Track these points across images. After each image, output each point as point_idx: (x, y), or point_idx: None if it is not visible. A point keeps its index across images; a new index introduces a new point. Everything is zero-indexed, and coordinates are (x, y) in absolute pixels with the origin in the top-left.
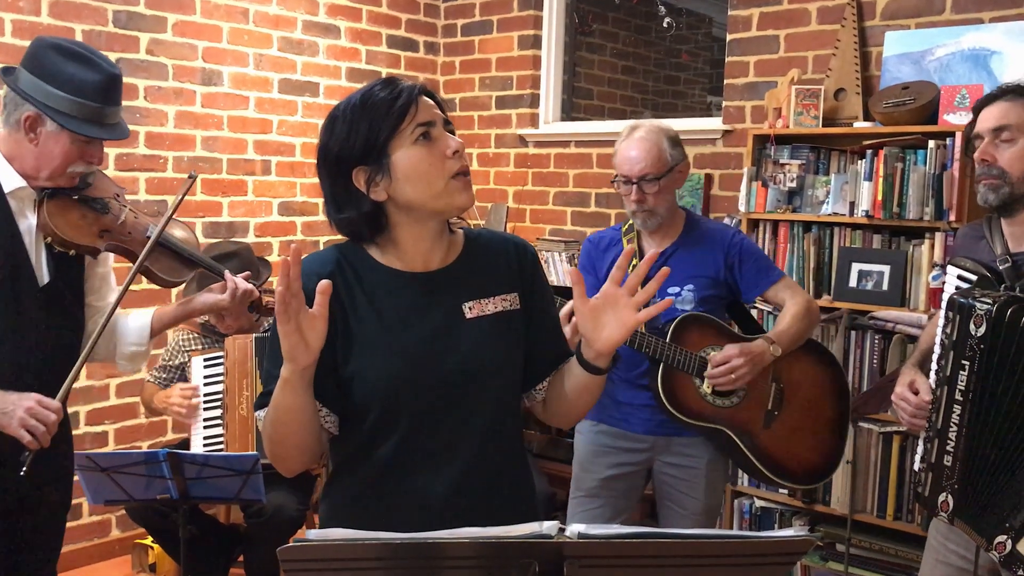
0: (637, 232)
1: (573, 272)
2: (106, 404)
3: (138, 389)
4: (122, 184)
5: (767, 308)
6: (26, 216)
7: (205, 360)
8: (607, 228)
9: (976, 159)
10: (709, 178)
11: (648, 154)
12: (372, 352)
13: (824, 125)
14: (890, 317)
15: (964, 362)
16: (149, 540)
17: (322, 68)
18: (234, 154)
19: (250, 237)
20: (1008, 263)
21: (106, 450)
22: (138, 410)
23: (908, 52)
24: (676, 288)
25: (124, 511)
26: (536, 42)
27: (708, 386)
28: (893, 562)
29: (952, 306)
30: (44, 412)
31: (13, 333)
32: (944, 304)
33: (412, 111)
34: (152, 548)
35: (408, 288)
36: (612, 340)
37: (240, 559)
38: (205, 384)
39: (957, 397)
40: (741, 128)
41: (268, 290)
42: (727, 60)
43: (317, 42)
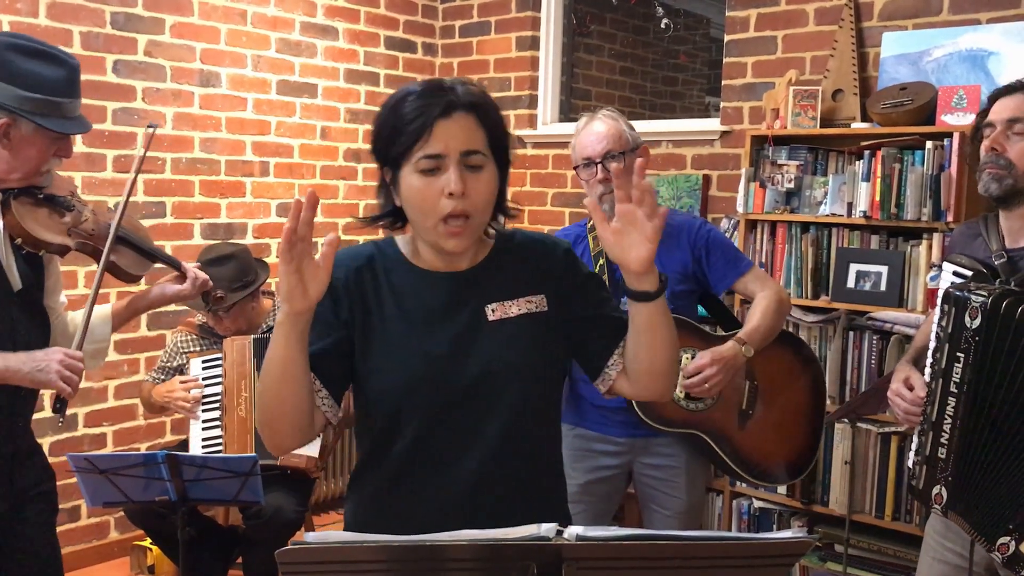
0: None
1: (591, 203)
2: (104, 406)
3: (136, 391)
4: (120, 185)
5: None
6: None
7: (203, 362)
8: (571, 224)
9: (985, 147)
10: (707, 179)
11: (609, 132)
12: (393, 351)
13: (822, 126)
14: (888, 318)
15: (959, 354)
16: (148, 542)
17: (320, 69)
18: (232, 155)
19: (248, 239)
20: (1004, 258)
21: (104, 452)
22: (136, 412)
23: (906, 53)
24: None
25: (123, 513)
26: (534, 43)
27: (681, 391)
28: (892, 562)
29: (947, 299)
30: (73, 362)
31: None
32: (939, 297)
33: (425, 138)
34: (151, 550)
35: (435, 288)
36: (642, 256)
37: (239, 560)
38: (204, 385)
39: (952, 390)
40: (739, 129)
41: (268, 292)
42: (725, 61)
43: (315, 43)
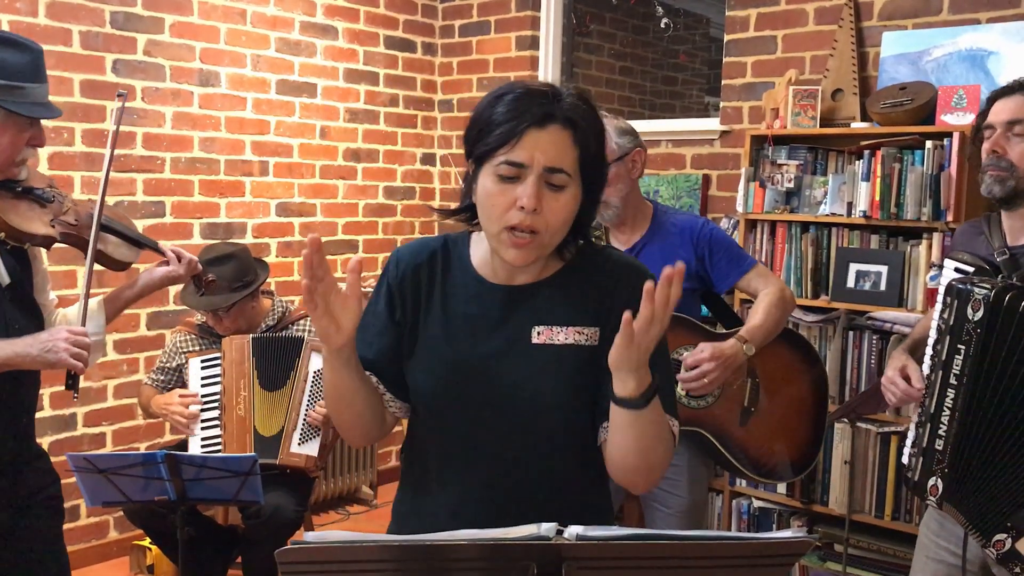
0: (605, 229)
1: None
2: (104, 406)
3: (135, 390)
4: (119, 185)
5: (747, 297)
6: None
7: (203, 361)
8: None
9: (985, 149)
10: (707, 179)
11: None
12: (427, 354)
13: (822, 125)
14: (888, 317)
15: (960, 346)
16: (147, 541)
17: (320, 69)
18: (232, 155)
19: (248, 238)
20: (1006, 255)
21: (104, 451)
22: (136, 411)
23: (905, 53)
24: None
25: (122, 512)
26: (534, 43)
27: (681, 388)
28: (891, 562)
29: (950, 291)
30: (80, 338)
31: None
32: (942, 291)
33: (512, 143)
34: (150, 549)
35: (485, 298)
36: (613, 357)
37: (238, 560)
38: (203, 385)
39: (951, 381)
40: (739, 129)
41: (268, 291)
42: (725, 61)
43: (315, 43)
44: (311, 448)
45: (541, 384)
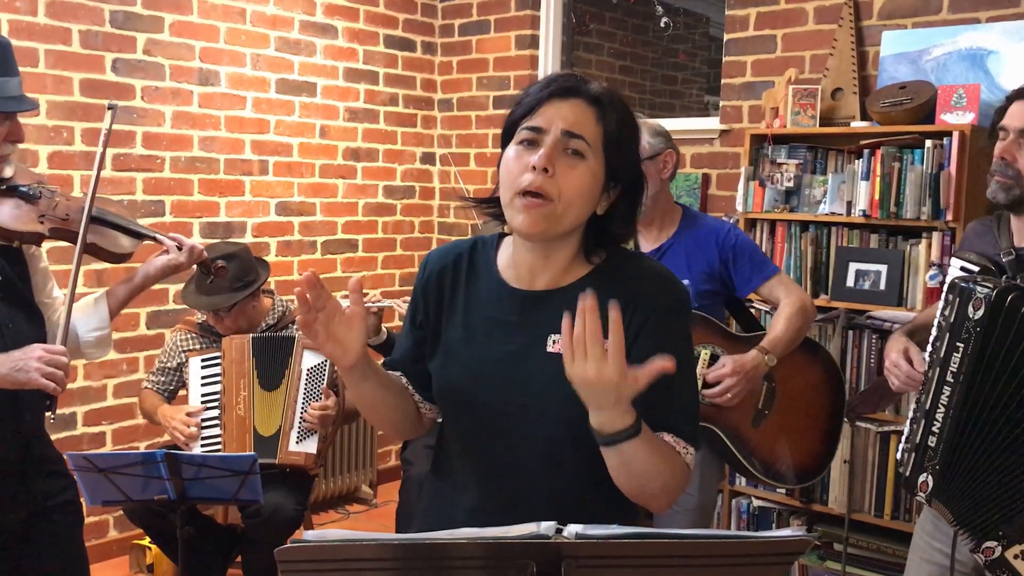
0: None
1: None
2: (103, 405)
3: (135, 390)
4: (119, 184)
5: (765, 307)
6: None
7: (203, 360)
8: None
9: (996, 154)
10: (706, 178)
11: None
12: (447, 357)
13: (821, 125)
14: (887, 317)
15: (959, 344)
16: (147, 541)
17: (319, 68)
18: (231, 154)
19: (247, 237)
20: (1012, 256)
21: (104, 451)
22: (136, 411)
23: (905, 52)
24: None
25: (122, 512)
26: (533, 42)
27: (704, 398)
28: (890, 561)
29: (952, 289)
30: (55, 357)
31: None
32: (945, 288)
33: (533, 112)
34: (150, 549)
35: (504, 302)
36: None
37: (238, 559)
38: (203, 384)
39: (948, 379)
40: (738, 128)
41: (268, 290)
42: (724, 60)
43: (314, 42)
44: (309, 445)
45: (550, 393)
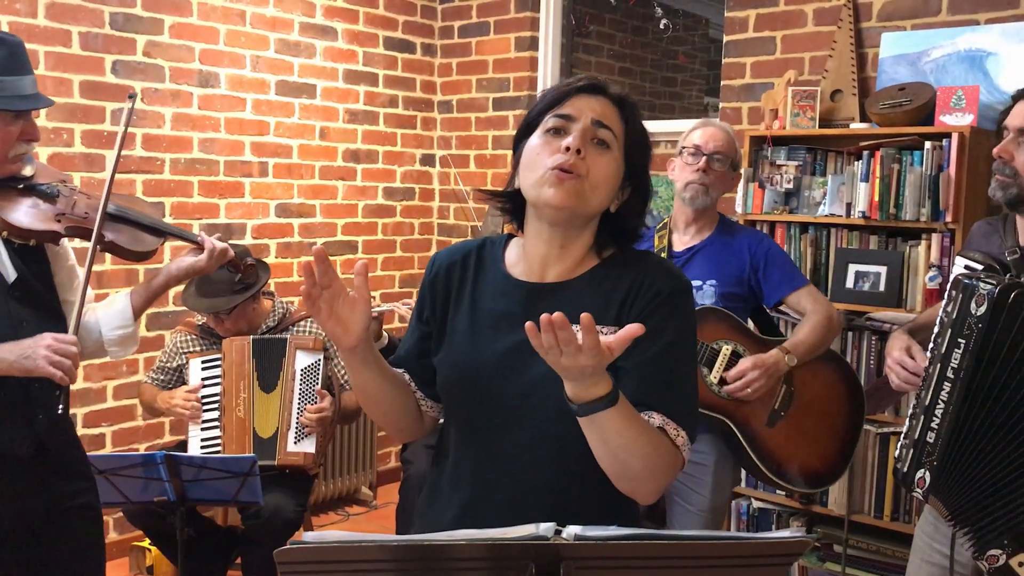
0: (668, 230)
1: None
2: (103, 406)
3: (135, 391)
4: (119, 186)
5: (794, 318)
6: None
7: (203, 362)
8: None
9: (994, 153)
10: None
11: (727, 138)
12: (452, 350)
13: (821, 126)
14: (887, 318)
15: (960, 340)
16: (147, 542)
17: (319, 70)
18: (231, 156)
19: (247, 239)
20: (1016, 254)
21: (103, 452)
22: (135, 412)
23: (904, 53)
24: (699, 282)
25: (121, 513)
26: (533, 44)
27: (715, 376)
28: (890, 563)
29: (956, 286)
30: (64, 346)
31: None
32: (949, 285)
33: (560, 104)
34: (150, 550)
35: (510, 295)
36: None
37: (238, 561)
38: (203, 386)
39: (948, 375)
40: (738, 129)
41: (268, 292)
42: (724, 61)
43: (314, 44)
44: (308, 445)
45: (551, 389)
